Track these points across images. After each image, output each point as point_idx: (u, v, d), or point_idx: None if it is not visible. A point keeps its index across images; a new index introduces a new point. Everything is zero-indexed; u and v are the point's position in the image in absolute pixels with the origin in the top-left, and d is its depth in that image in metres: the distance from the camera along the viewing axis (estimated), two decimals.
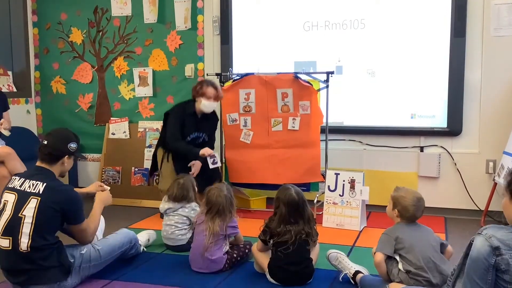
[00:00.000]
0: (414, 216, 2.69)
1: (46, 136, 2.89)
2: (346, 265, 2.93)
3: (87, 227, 2.87)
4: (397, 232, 2.66)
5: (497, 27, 4.26)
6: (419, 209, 2.67)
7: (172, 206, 3.54)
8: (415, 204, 2.67)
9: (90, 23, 5.40)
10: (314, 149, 4.37)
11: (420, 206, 2.68)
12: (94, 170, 5.43)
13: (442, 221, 4.34)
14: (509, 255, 1.76)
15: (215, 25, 4.98)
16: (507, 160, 3.95)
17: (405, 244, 2.59)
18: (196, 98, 4.26)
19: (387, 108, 4.59)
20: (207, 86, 4.22)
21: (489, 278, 1.78)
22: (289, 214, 2.89)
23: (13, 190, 2.76)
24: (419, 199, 2.69)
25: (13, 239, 2.68)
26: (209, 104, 4.23)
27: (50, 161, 2.81)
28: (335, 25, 4.67)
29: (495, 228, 1.84)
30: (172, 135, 4.18)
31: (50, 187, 2.72)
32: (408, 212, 2.67)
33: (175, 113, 4.26)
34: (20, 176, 2.83)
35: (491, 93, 4.33)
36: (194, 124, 4.28)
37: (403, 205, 2.67)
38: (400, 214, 2.71)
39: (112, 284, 2.95)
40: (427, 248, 2.58)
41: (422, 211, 2.70)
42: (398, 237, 2.62)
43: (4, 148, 3.91)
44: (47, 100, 5.61)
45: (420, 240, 2.61)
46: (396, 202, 2.72)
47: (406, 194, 2.70)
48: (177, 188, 3.55)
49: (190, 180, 3.65)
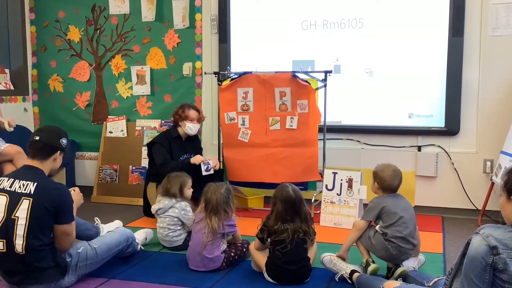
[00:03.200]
0: (392, 185, 2.96)
1: (37, 132, 2.86)
2: (341, 266, 2.94)
3: (73, 230, 2.78)
4: (382, 203, 2.91)
5: (495, 26, 4.26)
6: (395, 177, 2.96)
7: (162, 206, 3.52)
8: (391, 174, 2.96)
9: (87, 21, 5.38)
10: (312, 148, 4.36)
11: (396, 175, 2.97)
12: (91, 169, 5.42)
13: (440, 220, 4.35)
14: (507, 254, 1.76)
15: (213, 24, 4.97)
16: (504, 159, 3.95)
17: (391, 214, 2.87)
18: (179, 122, 4.28)
19: (385, 107, 4.59)
20: (188, 109, 4.26)
21: (486, 277, 1.78)
22: (285, 211, 2.89)
23: (3, 192, 2.70)
24: (395, 169, 2.99)
25: (7, 241, 2.65)
26: (194, 127, 4.28)
27: (42, 157, 2.76)
28: (333, 24, 4.67)
29: (492, 227, 1.84)
30: (161, 165, 4.09)
31: (42, 186, 2.68)
32: (386, 182, 2.96)
33: (160, 141, 4.23)
34: (9, 177, 2.76)
35: (488, 92, 4.33)
36: (181, 147, 4.30)
37: (381, 176, 2.97)
38: (380, 186, 2.98)
39: (109, 282, 2.94)
40: (411, 219, 2.90)
41: (400, 180, 2.98)
42: (384, 207, 2.89)
43: (13, 147, 3.92)
44: (44, 98, 5.59)
45: (404, 210, 2.90)
46: (375, 176, 3.02)
47: (383, 167, 3.02)
48: (164, 182, 3.59)
49: (180, 177, 3.62)
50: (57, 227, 2.72)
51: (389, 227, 2.85)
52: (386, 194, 2.97)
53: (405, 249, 2.83)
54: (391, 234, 2.82)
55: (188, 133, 4.30)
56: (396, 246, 2.81)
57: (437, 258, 3.36)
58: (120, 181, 5.19)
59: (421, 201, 4.53)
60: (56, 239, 2.75)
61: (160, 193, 3.64)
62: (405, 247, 2.82)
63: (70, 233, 2.77)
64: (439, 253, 3.47)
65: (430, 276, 2.65)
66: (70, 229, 2.76)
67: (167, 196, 3.54)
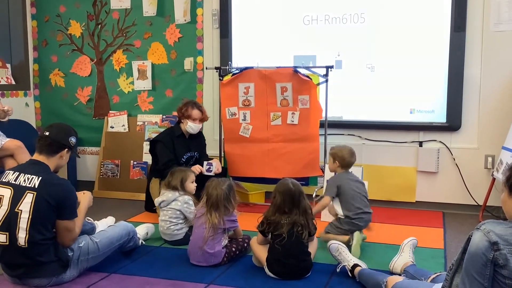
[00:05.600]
0: (350, 162, 3.56)
1: (48, 128, 2.87)
2: (346, 257, 2.94)
3: (75, 226, 2.80)
4: (338, 181, 3.48)
5: (497, 22, 4.24)
6: (352, 155, 3.57)
7: (165, 199, 3.54)
8: (348, 152, 3.56)
9: (89, 16, 5.38)
10: (313, 144, 4.37)
11: (353, 153, 3.58)
12: (93, 164, 5.43)
13: (441, 216, 4.35)
14: (507, 250, 1.76)
15: (215, 19, 4.96)
16: (506, 155, 3.95)
17: (345, 191, 3.43)
18: (182, 119, 4.27)
19: (386, 102, 4.59)
20: (192, 109, 4.22)
21: (487, 273, 1.78)
22: (283, 202, 2.91)
23: (8, 185, 2.72)
24: (350, 149, 3.59)
25: (10, 234, 2.67)
26: (195, 126, 4.26)
27: (48, 153, 2.79)
28: (335, 19, 4.66)
29: (493, 223, 1.84)
30: (164, 163, 4.08)
31: (46, 181, 2.70)
32: (345, 159, 3.53)
33: (163, 139, 4.21)
34: (14, 170, 2.79)
35: (490, 88, 4.32)
36: (185, 145, 4.29)
37: (341, 156, 3.54)
38: (340, 164, 3.54)
39: (110, 277, 2.95)
40: (362, 195, 3.45)
41: (355, 157, 3.59)
42: (339, 185, 3.44)
43: (14, 141, 3.92)
44: (45, 93, 5.59)
45: (357, 188, 3.45)
46: (335, 156, 3.57)
47: (340, 148, 3.60)
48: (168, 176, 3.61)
49: (183, 171, 3.65)
50: (59, 223, 2.73)
51: (348, 206, 3.40)
52: (343, 170, 3.53)
53: (367, 218, 3.42)
54: (353, 212, 3.37)
55: (189, 132, 4.30)
56: (359, 219, 3.37)
57: (438, 253, 3.36)
58: (121, 176, 5.20)
59: (422, 196, 4.53)
60: (58, 234, 2.76)
61: (162, 186, 3.67)
62: (365, 217, 3.41)
63: (71, 229, 2.78)
64: (440, 248, 3.47)
65: (428, 272, 2.65)
66: (72, 225, 2.77)
67: (169, 188, 3.55)
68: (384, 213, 4.35)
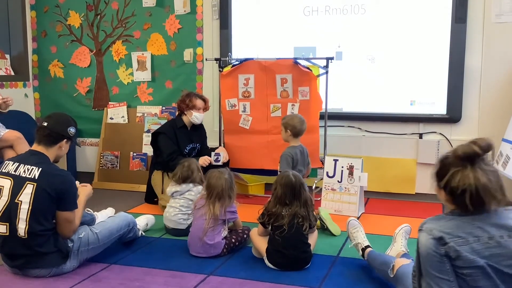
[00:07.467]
0: (302, 130, 3.85)
1: (46, 118, 2.86)
2: (361, 236, 2.96)
3: (75, 218, 2.80)
4: (291, 153, 3.81)
5: (499, 13, 4.22)
6: (303, 123, 3.85)
7: (179, 189, 3.56)
8: (299, 121, 3.84)
9: (88, 6, 5.35)
10: (313, 135, 4.35)
11: (303, 121, 3.87)
12: (92, 155, 5.43)
13: (440, 207, 4.34)
14: (454, 242, 1.77)
15: (214, 10, 4.93)
16: (506, 147, 3.95)
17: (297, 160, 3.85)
18: (185, 111, 4.26)
19: (387, 94, 4.58)
20: (196, 99, 4.24)
21: (447, 267, 1.79)
22: (284, 194, 2.91)
23: (8, 175, 2.72)
24: (301, 117, 3.89)
25: (10, 225, 2.67)
26: (200, 116, 4.27)
27: (47, 144, 2.78)
28: (335, 10, 4.63)
29: (433, 220, 1.86)
30: (168, 155, 4.08)
31: (46, 171, 2.70)
32: (297, 128, 3.82)
33: (165, 131, 4.20)
34: (14, 161, 2.79)
35: (491, 80, 4.31)
36: (187, 136, 4.29)
37: (292, 125, 3.82)
38: (292, 132, 3.82)
39: (110, 267, 2.96)
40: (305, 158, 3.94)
41: (305, 125, 3.87)
42: (293, 158, 3.80)
43: (13, 132, 3.92)
44: (45, 83, 5.58)
45: (303, 154, 3.92)
46: (286, 126, 3.84)
47: (291, 117, 3.89)
48: (181, 170, 3.59)
49: (195, 162, 3.69)
50: (59, 214, 2.73)
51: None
52: (295, 138, 3.84)
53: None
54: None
55: (194, 122, 4.29)
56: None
57: None
58: (121, 167, 5.20)
59: (422, 188, 4.53)
60: (58, 225, 2.76)
61: (175, 179, 3.61)
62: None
63: (71, 220, 2.78)
64: None
65: None
66: (72, 216, 2.77)
67: (182, 183, 3.57)
68: (384, 205, 4.35)
